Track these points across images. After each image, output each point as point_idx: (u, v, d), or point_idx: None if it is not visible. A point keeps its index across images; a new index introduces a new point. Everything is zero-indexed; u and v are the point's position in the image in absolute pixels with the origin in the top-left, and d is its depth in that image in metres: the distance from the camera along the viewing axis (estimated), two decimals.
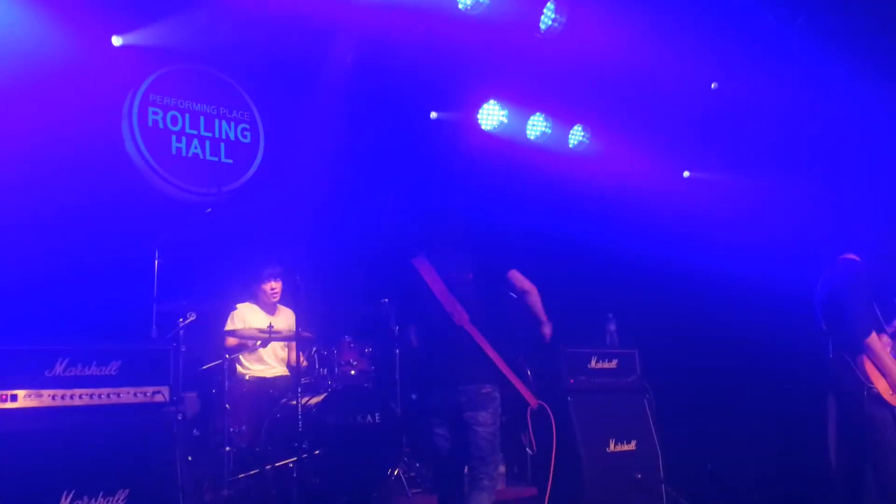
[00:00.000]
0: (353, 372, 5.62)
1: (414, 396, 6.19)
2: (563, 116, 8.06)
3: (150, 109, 6.32)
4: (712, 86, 7.48)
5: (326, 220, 6.70)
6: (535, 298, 4.20)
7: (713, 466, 6.03)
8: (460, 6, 6.55)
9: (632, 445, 5.38)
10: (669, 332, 6.57)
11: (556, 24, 7.01)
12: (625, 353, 5.73)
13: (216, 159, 6.67)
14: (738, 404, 6.44)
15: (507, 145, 7.81)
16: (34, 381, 4.10)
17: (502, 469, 5.41)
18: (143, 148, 6.22)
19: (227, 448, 5.16)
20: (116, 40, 5.88)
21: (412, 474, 5.64)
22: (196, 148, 6.56)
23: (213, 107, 6.71)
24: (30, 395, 4.08)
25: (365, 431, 5.28)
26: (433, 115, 7.79)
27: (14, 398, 4.04)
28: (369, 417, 5.33)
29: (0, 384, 4.01)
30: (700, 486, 5.71)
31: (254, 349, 5.70)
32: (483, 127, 7.81)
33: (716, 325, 6.71)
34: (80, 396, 4.19)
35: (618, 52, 6.84)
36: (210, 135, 6.66)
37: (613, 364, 5.60)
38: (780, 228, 6.64)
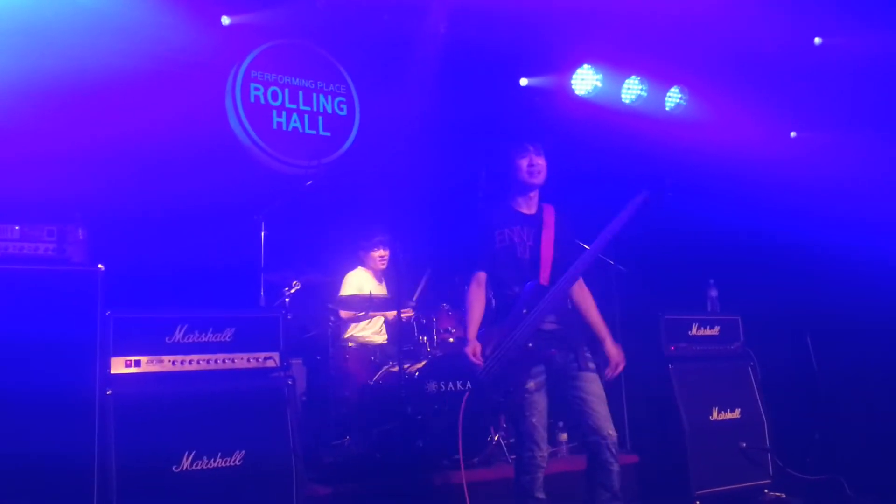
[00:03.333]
0: (451, 339, 5.70)
1: None
2: (659, 78, 7.84)
3: (252, 86, 6.52)
4: (815, 41, 7.14)
5: (420, 190, 6.77)
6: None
7: (820, 435, 5.86)
8: None
9: (736, 414, 5.27)
10: (773, 299, 6.36)
11: None
12: (727, 319, 5.59)
13: (314, 132, 6.83)
14: (846, 372, 6.21)
15: (601, 110, 7.67)
16: (156, 348, 4.32)
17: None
18: (246, 123, 6.43)
19: (333, 413, 5.34)
20: (226, 20, 6.10)
21: (511, 440, 5.70)
22: (295, 122, 6.73)
23: (310, 81, 6.86)
24: (151, 361, 4.31)
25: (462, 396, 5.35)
26: (524, 81, 7.72)
27: (138, 363, 4.27)
28: (469, 384, 5.40)
29: (125, 350, 4.26)
30: (807, 456, 5.57)
31: (366, 317, 5.83)
32: (577, 92, 7.69)
33: (820, 290, 6.47)
34: (198, 362, 4.40)
35: (715, 9, 6.60)
36: (308, 109, 6.81)
37: (715, 331, 5.48)
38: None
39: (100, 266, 4.19)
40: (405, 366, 5.27)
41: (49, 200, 4.65)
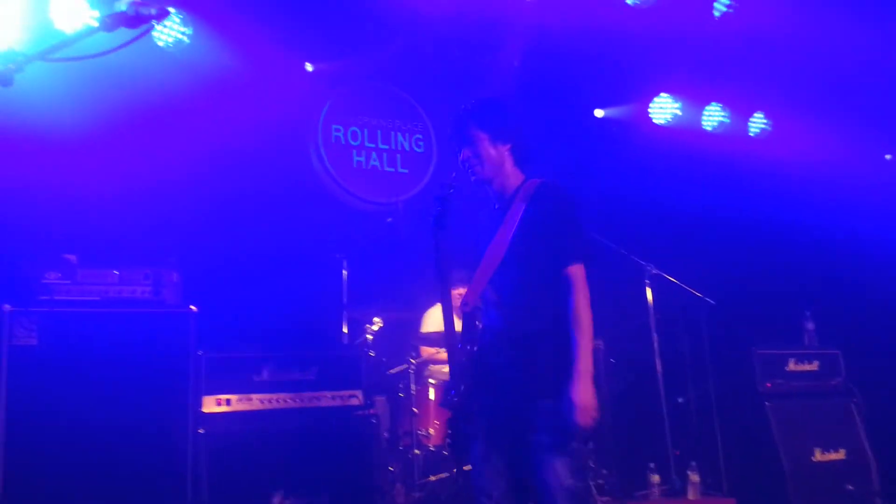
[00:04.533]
0: None
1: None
2: (741, 104, 7.68)
3: (333, 126, 6.65)
4: None
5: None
6: None
7: None
8: (628, 0, 6.44)
9: (840, 454, 5.01)
10: (875, 330, 6.06)
11: (730, 10, 6.72)
12: (827, 353, 5.35)
13: (393, 170, 6.90)
14: None
15: (682, 137, 7.54)
16: (244, 386, 4.42)
17: (695, 478, 5.21)
18: (327, 163, 6.55)
19: (417, 451, 5.29)
20: (309, 67, 6.30)
21: (600, 481, 5.55)
22: (375, 160, 6.82)
23: (388, 120, 6.96)
24: (241, 399, 4.40)
25: None
26: (599, 113, 7.66)
27: (228, 402, 4.36)
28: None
29: (216, 389, 4.35)
30: None
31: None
32: (655, 121, 7.59)
33: None
34: (285, 400, 4.47)
35: (796, 32, 6.44)
36: (387, 147, 6.90)
37: (814, 366, 5.25)
38: None
39: (192, 307, 4.32)
40: None
41: (145, 245, 4.82)
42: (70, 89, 4.77)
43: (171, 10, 5.39)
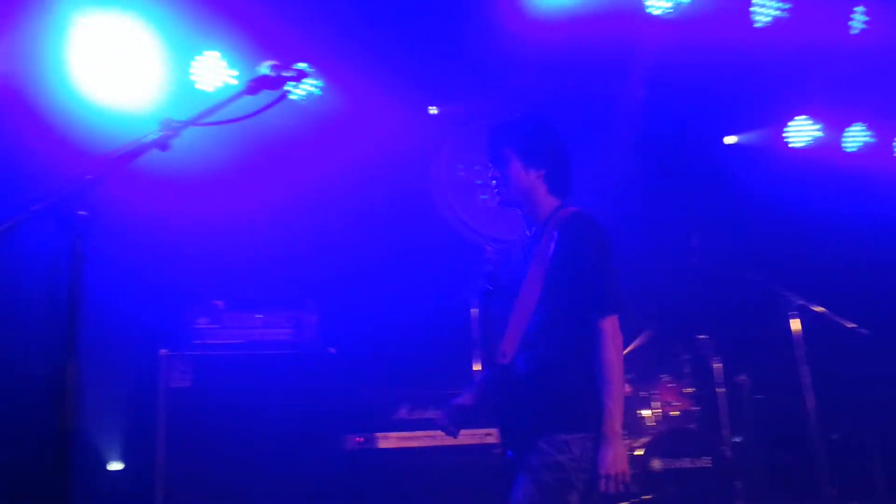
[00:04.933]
0: (674, 413, 5.44)
1: (738, 439, 5.82)
2: (885, 124, 7.24)
3: (456, 166, 6.76)
4: None
5: (627, 256, 6.59)
6: None
7: None
8: (757, 24, 6.25)
9: None
10: None
11: (866, 26, 6.41)
12: None
13: None
14: None
15: (821, 160, 7.17)
16: (383, 425, 4.52)
17: None
18: (452, 203, 6.65)
19: None
20: (433, 110, 6.46)
21: None
22: None
23: None
24: (381, 438, 4.49)
25: (695, 476, 5.05)
26: (731, 139, 7.42)
27: (368, 440, 4.47)
28: (699, 461, 5.09)
29: (356, 427, 4.48)
30: None
31: None
32: (791, 144, 7.27)
33: None
34: (423, 438, 4.53)
35: None
36: None
37: None
38: None
39: (331, 349, 4.49)
40: (627, 441, 5.08)
41: (286, 290, 5.04)
42: (213, 145, 5.09)
43: (309, 70, 5.66)
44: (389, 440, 4.49)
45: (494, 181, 2.95)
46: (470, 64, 6.22)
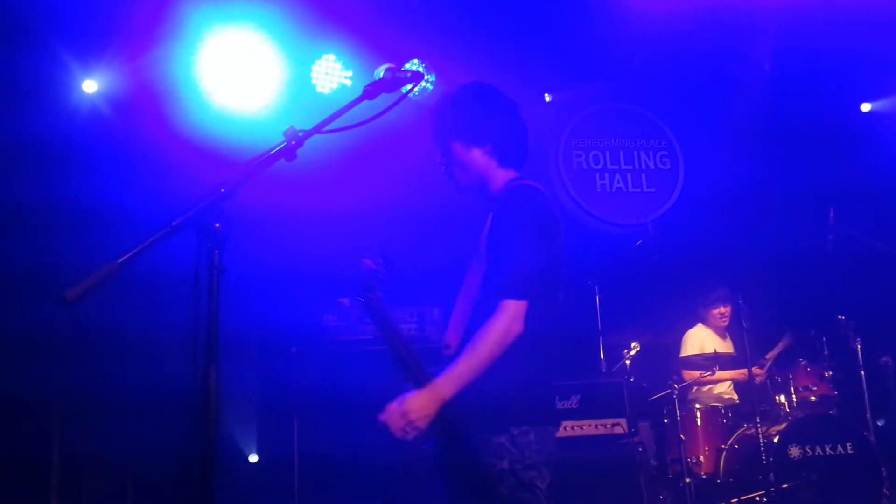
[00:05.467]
0: (813, 398, 5.20)
1: (881, 423, 5.52)
2: None
3: (574, 152, 6.68)
4: None
5: (759, 239, 6.34)
6: None
7: None
8: None
9: None
10: None
11: None
12: None
13: (638, 190, 6.77)
14: None
15: None
16: None
17: None
18: (571, 189, 6.58)
19: (688, 479, 5.09)
20: (547, 97, 6.42)
21: None
22: (619, 182, 6.74)
23: (630, 139, 6.85)
24: None
25: (836, 463, 4.82)
26: (867, 107, 6.97)
27: None
28: (840, 448, 4.85)
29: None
30: None
31: (712, 376, 5.57)
32: None
33: None
34: None
35: None
36: (630, 167, 6.79)
37: None
38: None
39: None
40: (763, 428, 4.89)
41: (409, 286, 5.13)
42: (334, 147, 5.23)
43: (425, 71, 5.72)
44: None
45: (442, 168, 2.71)
46: (585, 48, 6.13)
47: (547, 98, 6.48)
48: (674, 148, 6.91)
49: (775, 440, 4.88)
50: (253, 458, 5.62)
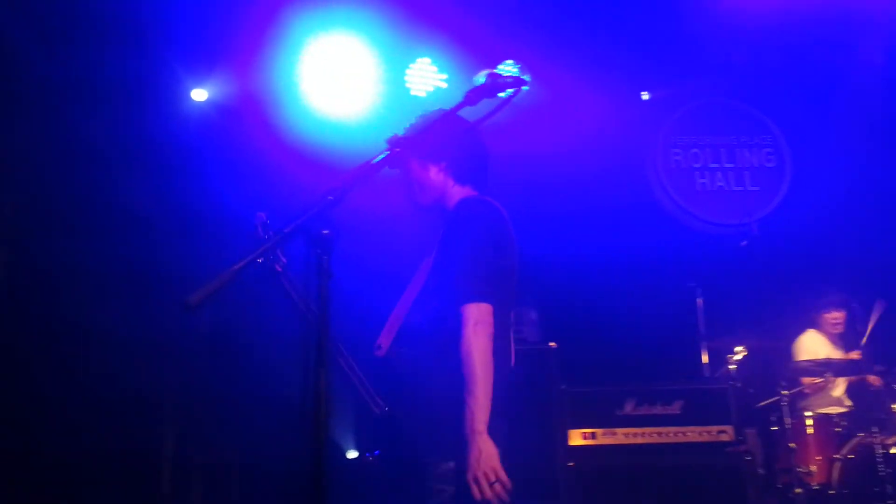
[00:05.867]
0: None
1: None
2: None
3: (672, 151, 6.52)
4: None
5: (872, 242, 6.02)
6: None
7: None
8: None
9: None
10: None
11: None
12: None
13: (741, 189, 6.55)
14: None
15: None
16: (608, 420, 4.46)
17: None
18: (669, 189, 6.43)
19: (798, 490, 4.88)
20: (645, 95, 6.30)
21: None
22: (720, 180, 6.54)
23: (731, 136, 6.63)
24: (606, 434, 4.44)
25: None
26: None
27: (593, 436, 4.43)
28: None
29: (580, 423, 4.46)
30: None
31: (824, 384, 5.34)
32: None
33: None
34: (650, 434, 4.42)
35: None
36: (732, 165, 6.58)
37: None
38: None
39: (552, 344, 4.50)
40: (880, 437, 4.65)
41: None
42: None
43: (525, 77, 5.70)
44: (616, 436, 4.43)
45: (405, 189, 2.74)
46: (683, 43, 5.97)
47: (644, 96, 6.35)
48: (779, 145, 6.64)
49: (893, 451, 4.63)
50: (352, 455, 5.72)
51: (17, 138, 4.12)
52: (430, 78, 5.82)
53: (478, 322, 2.35)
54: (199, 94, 5.50)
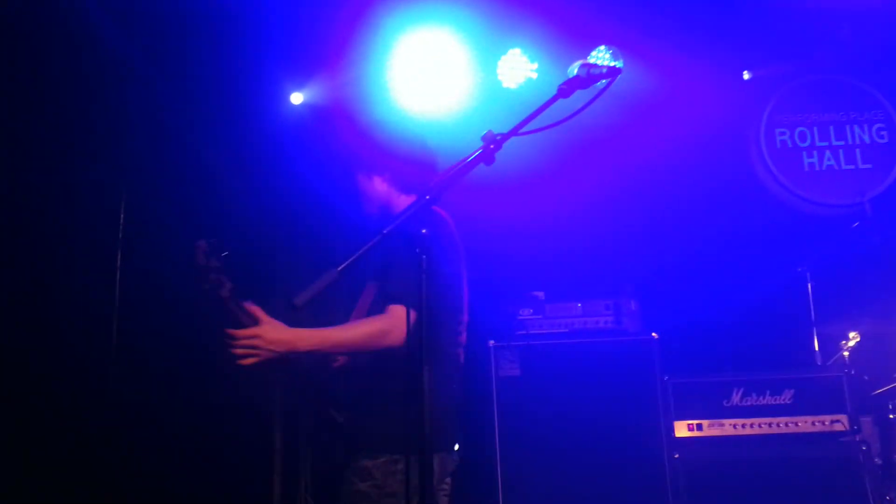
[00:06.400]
0: None
1: None
2: None
3: (777, 130, 6.27)
4: None
5: None
6: None
7: None
8: None
9: None
10: None
11: None
12: None
13: (852, 167, 6.24)
14: None
15: None
16: (715, 411, 4.36)
17: None
18: (775, 171, 6.18)
19: None
20: (746, 74, 6.07)
21: None
22: (829, 159, 6.25)
23: (840, 113, 6.32)
24: (712, 425, 4.35)
25: None
26: None
27: (699, 427, 4.34)
28: None
29: (685, 414, 4.37)
30: None
31: None
32: None
33: None
34: (759, 425, 4.30)
35: None
36: (842, 143, 6.27)
37: None
38: None
39: (654, 334, 4.42)
40: None
41: (603, 277, 5.07)
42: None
43: (620, 65, 5.60)
44: (723, 427, 4.32)
45: (351, 200, 2.92)
46: (786, 19, 5.73)
47: (746, 76, 6.12)
48: (892, 119, 6.29)
49: None
50: (454, 448, 5.79)
51: (124, 143, 4.30)
52: (521, 69, 5.77)
53: (395, 322, 2.46)
54: (296, 98, 5.65)
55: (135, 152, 4.54)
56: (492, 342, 4.58)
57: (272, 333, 2.44)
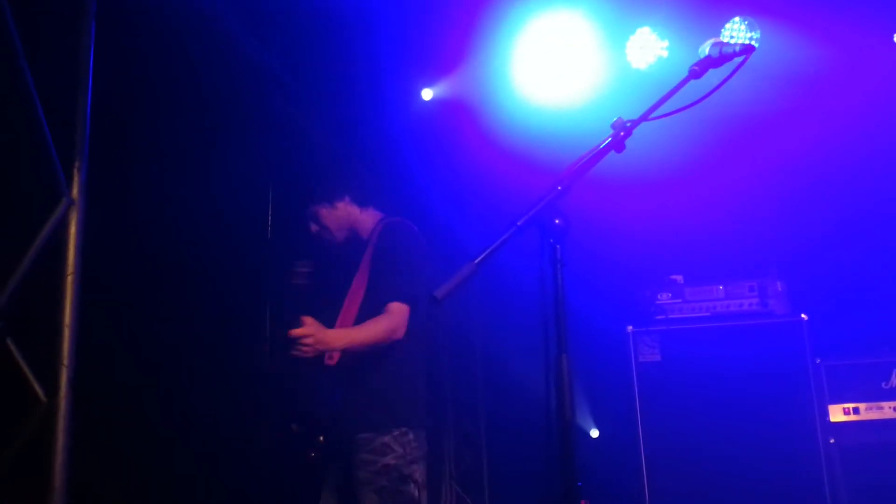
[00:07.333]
0: None
1: None
2: None
3: None
4: None
5: None
6: None
7: None
8: None
9: None
10: None
11: None
12: None
13: None
14: None
15: None
16: (872, 394, 4.16)
17: None
18: None
19: None
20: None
21: None
22: None
23: None
24: (870, 408, 4.15)
25: None
26: None
27: (856, 411, 4.16)
28: None
29: (840, 398, 4.19)
30: None
31: None
32: None
33: None
34: None
35: None
36: None
37: None
38: None
39: (803, 316, 4.25)
40: None
41: (745, 258, 4.89)
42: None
43: (755, 43, 5.35)
44: (882, 410, 4.11)
45: (320, 234, 3.12)
46: None
47: None
48: None
49: None
50: (594, 434, 5.77)
51: (249, 141, 4.45)
52: (651, 48, 5.59)
53: (396, 319, 2.83)
54: (427, 94, 5.73)
55: (281, 152, 4.72)
56: (630, 327, 4.53)
57: (330, 336, 2.80)
